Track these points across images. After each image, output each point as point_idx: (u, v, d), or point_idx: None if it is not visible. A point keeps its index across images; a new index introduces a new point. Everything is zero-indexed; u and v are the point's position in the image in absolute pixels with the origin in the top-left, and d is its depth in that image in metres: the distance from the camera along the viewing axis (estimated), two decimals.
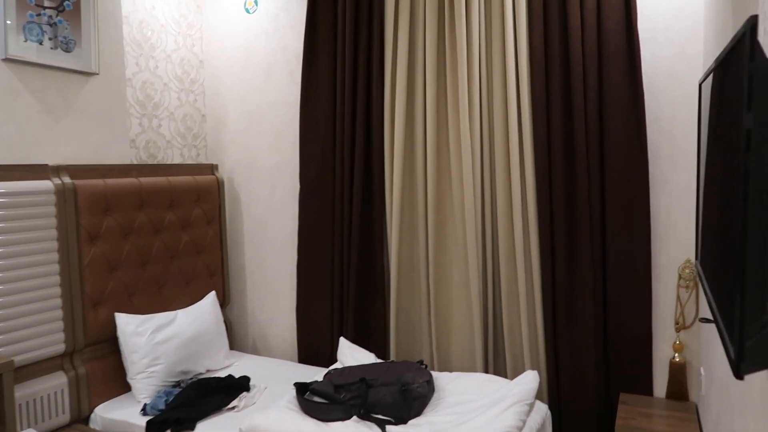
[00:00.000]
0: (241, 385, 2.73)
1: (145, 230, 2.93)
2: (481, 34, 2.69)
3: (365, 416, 2.25)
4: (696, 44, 2.40)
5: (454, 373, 2.71)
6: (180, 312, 2.95)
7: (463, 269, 2.84)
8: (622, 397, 2.49)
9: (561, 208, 2.56)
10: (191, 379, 2.83)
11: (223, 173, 3.60)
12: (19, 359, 2.36)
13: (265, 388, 2.76)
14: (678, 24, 2.42)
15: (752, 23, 0.95)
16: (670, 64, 2.44)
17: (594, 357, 2.53)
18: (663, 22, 2.44)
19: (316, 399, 2.37)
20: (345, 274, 3.05)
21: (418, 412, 2.31)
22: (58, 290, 2.53)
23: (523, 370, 2.69)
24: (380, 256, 3.01)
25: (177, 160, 3.44)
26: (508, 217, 2.71)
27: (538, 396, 2.61)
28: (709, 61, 2.13)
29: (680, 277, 2.47)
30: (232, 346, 3.45)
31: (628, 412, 2.37)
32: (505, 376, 2.75)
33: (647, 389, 2.53)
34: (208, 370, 2.97)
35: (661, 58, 2.46)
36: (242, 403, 2.59)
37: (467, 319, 2.84)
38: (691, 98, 2.42)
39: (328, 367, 3.06)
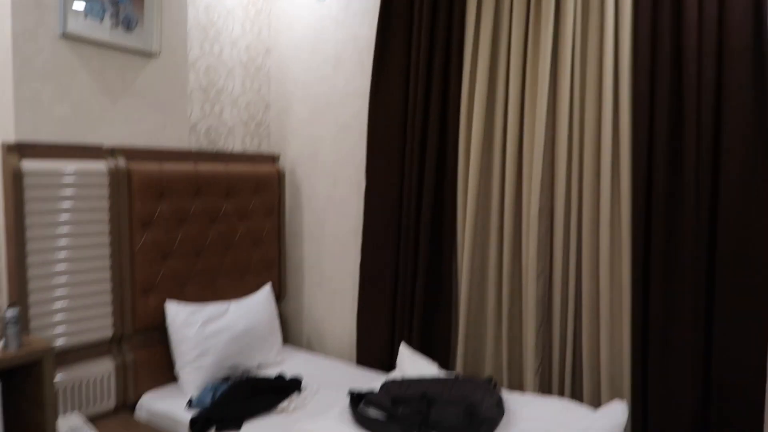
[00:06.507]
0: (292, 386, 2.40)
1: (200, 219, 2.61)
2: (576, 25, 2.27)
3: None
4: None
5: (527, 395, 2.29)
6: (233, 303, 2.62)
7: (541, 282, 2.43)
8: None
9: (661, 222, 2.10)
10: (241, 373, 2.51)
11: (285, 164, 3.25)
12: (65, 342, 2.12)
13: (317, 391, 2.42)
14: None
15: None
16: None
17: (692, 394, 2.06)
18: None
19: (372, 411, 2.02)
20: (410, 278, 2.65)
21: None
22: (107, 275, 2.24)
23: (601, 397, 2.26)
24: (449, 262, 2.60)
25: (238, 148, 3.13)
26: (594, 227, 2.28)
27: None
28: None
29: None
30: (285, 341, 3.10)
31: None
32: (581, 401, 2.32)
33: None
34: (259, 365, 2.63)
35: None
36: (292, 406, 2.26)
37: (543, 336, 2.42)
38: None
39: (386, 371, 2.67)
